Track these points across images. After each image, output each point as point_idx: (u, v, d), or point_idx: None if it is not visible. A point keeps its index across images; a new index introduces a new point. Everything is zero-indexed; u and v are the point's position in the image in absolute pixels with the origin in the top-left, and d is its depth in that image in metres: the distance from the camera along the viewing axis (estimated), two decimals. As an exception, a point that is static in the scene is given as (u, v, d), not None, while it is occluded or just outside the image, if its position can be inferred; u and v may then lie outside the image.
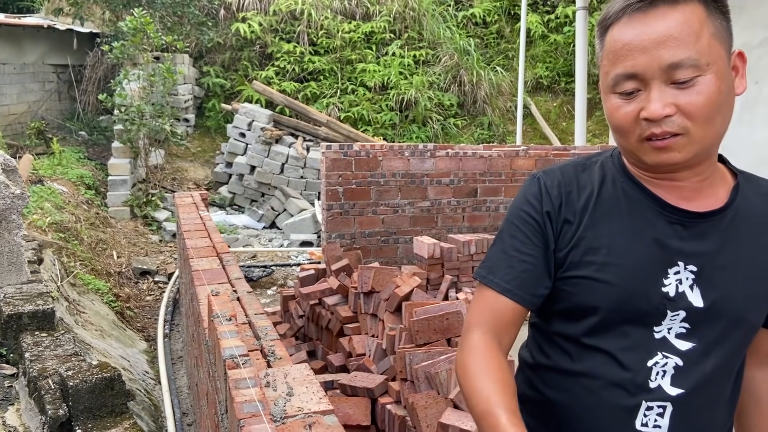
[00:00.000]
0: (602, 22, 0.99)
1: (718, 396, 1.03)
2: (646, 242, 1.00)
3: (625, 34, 0.94)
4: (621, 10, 0.95)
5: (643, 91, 0.94)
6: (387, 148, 5.99)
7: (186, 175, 9.67)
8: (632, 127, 0.95)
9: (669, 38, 0.91)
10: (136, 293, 5.75)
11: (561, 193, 1.05)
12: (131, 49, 7.79)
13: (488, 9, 12.20)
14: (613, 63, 0.96)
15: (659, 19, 0.92)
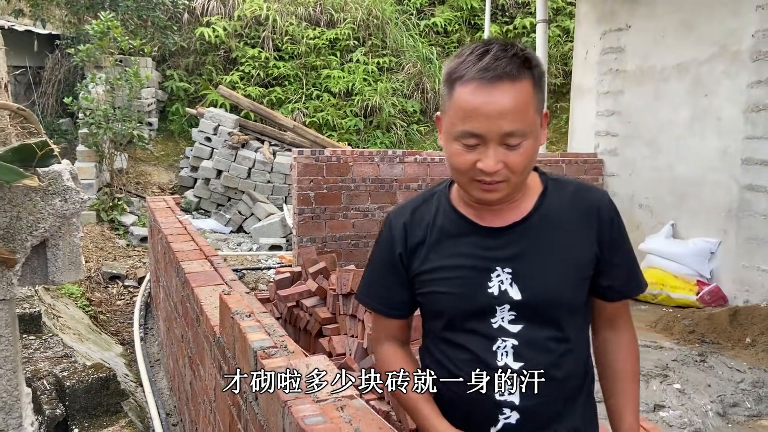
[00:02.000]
0: (452, 75, 1.18)
1: (554, 358, 1.27)
2: (469, 257, 1.28)
3: (473, 99, 1.14)
4: (471, 77, 1.15)
5: (481, 146, 1.16)
6: (357, 153, 6.14)
7: (150, 179, 9.59)
8: (468, 170, 1.19)
9: (508, 112, 1.14)
10: (107, 298, 5.73)
11: (406, 234, 1.33)
12: (97, 53, 7.72)
13: (449, 18, 12.48)
14: (462, 120, 1.16)
15: (502, 93, 1.13)
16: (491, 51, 1.16)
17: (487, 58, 1.14)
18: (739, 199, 5.47)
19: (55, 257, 1.35)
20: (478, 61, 1.15)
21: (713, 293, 5.46)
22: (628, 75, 6.57)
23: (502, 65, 1.14)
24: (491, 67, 1.13)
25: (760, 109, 5.28)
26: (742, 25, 5.41)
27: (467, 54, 1.18)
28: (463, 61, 1.17)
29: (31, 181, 1.17)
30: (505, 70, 1.14)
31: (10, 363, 1.33)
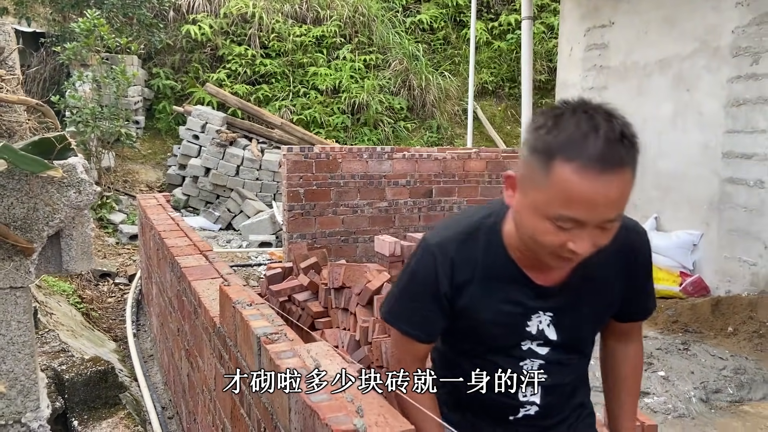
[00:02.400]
0: (552, 150, 1.07)
1: (574, 379, 1.40)
2: (516, 305, 1.31)
3: (585, 188, 1.04)
4: (584, 163, 1.04)
5: (575, 228, 1.09)
6: (346, 150, 6.20)
7: (137, 178, 9.58)
8: (556, 249, 1.14)
9: (613, 203, 1.07)
10: (98, 295, 5.75)
11: (453, 272, 1.29)
12: (83, 51, 7.71)
13: (435, 15, 12.56)
14: (564, 205, 1.07)
15: (615, 184, 1.05)
16: (601, 131, 1.05)
17: (599, 142, 1.04)
18: (720, 192, 5.60)
19: (69, 247, 1.40)
20: (586, 140, 1.04)
21: (696, 284, 5.59)
22: (611, 71, 6.69)
23: (617, 153, 1.05)
24: (607, 155, 1.04)
25: (740, 103, 5.41)
26: (722, 21, 5.53)
27: (572, 128, 1.06)
28: (569, 138, 1.05)
29: (55, 171, 1.22)
30: (621, 158, 1.05)
31: (28, 348, 1.38)
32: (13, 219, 1.31)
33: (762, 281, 5.24)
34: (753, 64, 5.29)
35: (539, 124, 1.11)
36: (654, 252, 5.91)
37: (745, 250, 5.38)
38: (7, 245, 1.28)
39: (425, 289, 1.31)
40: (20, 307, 1.34)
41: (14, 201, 1.32)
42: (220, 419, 2.13)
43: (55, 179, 1.32)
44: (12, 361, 1.37)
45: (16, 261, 1.33)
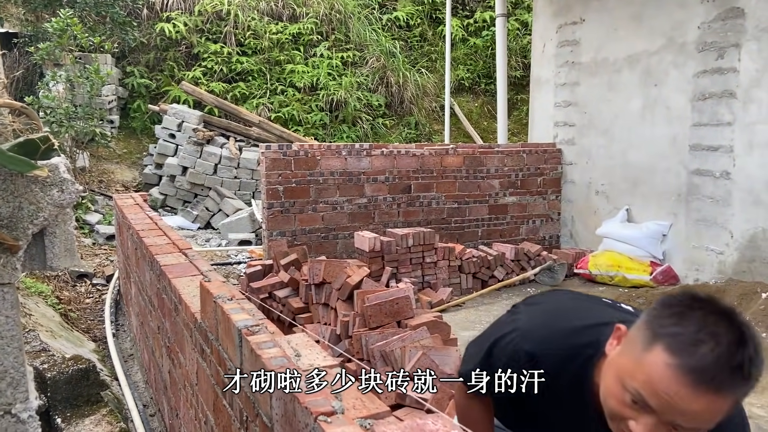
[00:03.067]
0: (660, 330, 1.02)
1: None
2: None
3: (664, 381, 0.99)
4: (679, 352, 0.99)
5: (644, 412, 1.04)
6: (325, 147, 6.24)
7: (113, 177, 9.51)
8: (616, 416, 1.11)
9: (692, 418, 1.00)
10: (76, 296, 5.73)
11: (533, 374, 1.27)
12: (56, 50, 7.64)
13: (411, 12, 12.64)
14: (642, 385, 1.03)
15: (698, 399, 0.97)
16: (722, 343, 0.97)
17: (712, 356, 0.97)
18: (687, 183, 5.76)
19: (53, 244, 1.45)
20: (700, 345, 0.98)
21: (666, 273, 5.75)
22: (583, 67, 6.82)
23: (720, 377, 0.97)
24: (707, 372, 0.97)
25: (705, 97, 5.57)
26: (688, 17, 5.69)
27: (692, 326, 1.00)
28: (681, 333, 1.00)
29: (41, 171, 1.27)
30: (720, 384, 0.97)
31: (17, 342, 1.42)
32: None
33: (729, 269, 5.42)
34: (718, 59, 5.45)
35: (667, 303, 1.07)
36: (625, 242, 6.07)
37: (712, 240, 5.55)
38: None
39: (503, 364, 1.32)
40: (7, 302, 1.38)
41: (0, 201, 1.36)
42: (202, 412, 2.18)
43: (39, 179, 1.36)
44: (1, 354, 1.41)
45: (2, 258, 1.38)
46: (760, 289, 5.01)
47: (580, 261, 6.25)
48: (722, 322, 1.00)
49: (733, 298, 5.04)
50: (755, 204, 5.21)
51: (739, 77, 5.29)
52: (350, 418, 1.14)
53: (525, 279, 6.00)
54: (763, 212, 5.16)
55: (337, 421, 1.11)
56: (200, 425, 2.23)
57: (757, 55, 5.15)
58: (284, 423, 1.29)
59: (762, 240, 5.18)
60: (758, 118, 5.16)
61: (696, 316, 1.02)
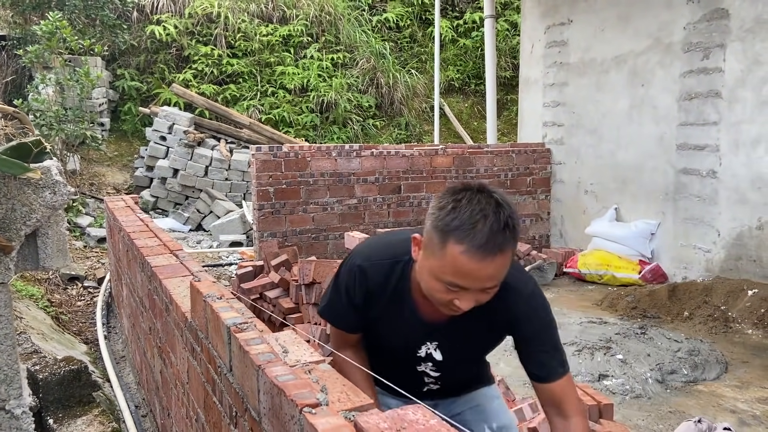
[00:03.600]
0: (447, 229, 1.32)
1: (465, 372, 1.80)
2: (405, 331, 1.63)
3: (468, 265, 1.30)
4: (468, 247, 1.29)
5: (461, 291, 1.37)
6: (315, 149, 6.27)
7: (104, 180, 9.50)
8: (444, 302, 1.41)
9: (491, 277, 1.34)
10: (67, 299, 5.73)
11: (367, 292, 1.59)
12: (45, 53, 7.63)
13: (401, 14, 12.68)
14: (452, 275, 1.33)
15: (493, 264, 1.31)
16: (488, 221, 1.29)
17: (485, 231, 1.28)
18: (675, 182, 5.83)
19: (45, 245, 1.47)
20: (474, 229, 1.29)
21: (654, 271, 5.81)
22: (571, 67, 6.89)
23: (498, 242, 1.29)
24: (489, 243, 1.28)
25: (692, 97, 5.64)
26: (674, 17, 5.76)
27: (465, 214, 1.30)
28: (461, 224, 1.30)
29: (34, 174, 1.30)
30: (500, 247, 1.30)
31: (9, 339, 1.44)
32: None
33: (716, 267, 5.49)
34: (704, 59, 5.53)
35: (441, 205, 1.36)
36: (614, 241, 6.12)
37: (700, 238, 5.62)
38: (-13, 244, 1.35)
39: (346, 299, 1.63)
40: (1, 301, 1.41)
41: (-8, 202, 1.39)
42: (193, 410, 2.21)
43: (31, 181, 1.39)
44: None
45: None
46: (747, 286, 5.09)
47: (569, 260, 6.31)
48: (482, 199, 1.33)
49: (720, 296, 5.11)
50: (741, 202, 5.28)
51: (724, 77, 5.37)
52: (335, 410, 1.18)
53: (515, 278, 6.05)
54: (748, 211, 5.23)
55: (321, 412, 1.14)
56: (191, 423, 2.26)
57: (742, 56, 5.22)
58: (272, 416, 1.32)
59: (748, 238, 5.25)
60: (743, 118, 5.24)
61: (463, 205, 1.32)
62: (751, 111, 5.17)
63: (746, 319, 4.82)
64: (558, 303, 5.51)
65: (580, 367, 3.93)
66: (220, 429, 1.84)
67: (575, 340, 4.28)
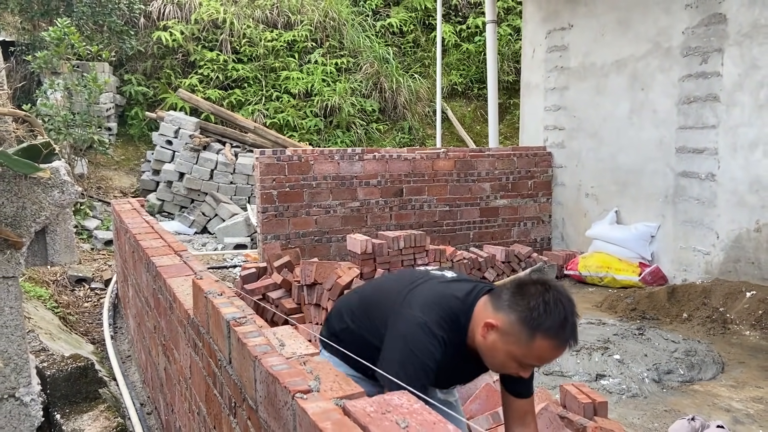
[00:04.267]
0: (538, 324, 1.61)
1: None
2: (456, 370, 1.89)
3: (550, 354, 1.66)
4: (554, 337, 1.62)
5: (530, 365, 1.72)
6: (318, 152, 6.36)
7: (111, 184, 9.62)
8: (509, 371, 1.76)
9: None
10: (74, 300, 5.82)
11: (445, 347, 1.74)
12: (54, 59, 7.75)
13: (404, 19, 12.78)
14: (535, 360, 1.68)
15: (564, 351, 1.68)
16: (570, 319, 1.64)
17: (571, 327, 1.64)
18: (674, 185, 5.88)
19: (54, 241, 1.55)
20: (564, 328, 1.63)
21: (654, 274, 5.86)
22: (572, 72, 6.95)
23: (574, 338, 1.66)
24: (572, 338, 1.65)
25: (691, 101, 5.70)
26: (673, 22, 5.82)
27: (554, 314, 1.62)
28: (552, 324, 1.61)
29: (44, 173, 1.38)
30: (574, 340, 1.67)
31: (19, 330, 1.52)
32: (4, 216, 1.46)
33: (715, 269, 5.53)
34: (702, 63, 5.59)
35: (532, 306, 1.63)
36: (614, 244, 6.20)
37: (699, 240, 5.67)
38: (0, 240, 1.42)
39: (431, 360, 1.73)
40: (12, 294, 1.49)
41: (5, 200, 1.47)
42: (195, 404, 2.29)
43: (41, 180, 1.46)
44: (6, 342, 1.52)
45: (7, 254, 1.48)
46: (745, 288, 5.13)
47: (570, 262, 6.36)
48: (563, 302, 1.65)
49: (719, 298, 5.16)
50: (739, 205, 5.33)
51: (722, 81, 5.42)
52: (326, 397, 1.25)
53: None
54: (747, 213, 5.28)
55: (312, 398, 1.22)
56: (193, 416, 2.33)
57: (740, 60, 5.27)
58: (267, 404, 1.40)
59: (746, 240, 5.30)
60: (741, 121, 5.29)
61: (553, 309, 1.63)
62: (749, 114, 5.22)
63: (744, 320, 4.86)
64: (558, 305, 5.56)
65: (578, 367, 3.99)
66: (220, 420, 1.91)
67: (573, 341, 4.33)
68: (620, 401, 3.68)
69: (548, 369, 3.98)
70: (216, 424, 1.97)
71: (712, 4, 5.47)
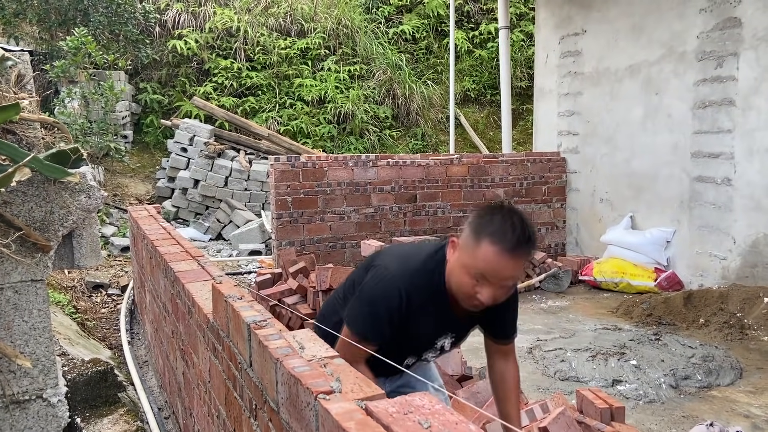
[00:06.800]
0: (483, 231, 1.67)
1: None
2: (437, 323, 1.90)
3: (496, 262, 1.66)
4: (498, 244, 1.65)
5: (485, 284, 1.70)
6: (332, 159, 6.39)
7: (127, 191, 9.72)
8: (468, 293, 1.73)
9: (512, 275, 1.70)
10: (92, 306, 5.89)
11: (409, 300, 1.80)
12: (71, 68, 7.87)
13: (417, 26, 12.83)
14: (482, 267, 1.68)
15: (515, 265, 1.68)
16: (517, 229, 1.66)
17: (515, 235, 1.65)
18: (690, 190, 5.85)
19: (80, 245, 1.59)
20: (506, 233, 1.65)
21: (670, 279, 5.82)
22: (585, 77, 6.94)
23: (524, 248, 1.66)
24: (516, 246, 1.65)
25: (705, 105, 5.67)
26: (687, 27, 5.80)
27: (499, 221, 1.67)
28: (496, 230, 1.66)
29: (74, 178, 1.42)
30: (521, 252, 1.67)
31: (47, 333, 1.56)
32: (33, 221, 1.50)
33: (732, 274, 5.49)
34: (717, 68, 5.56)
35: (480, 215, 1.72)
36: (629, 249, 6.16)
37: (716, 245, 5.63)
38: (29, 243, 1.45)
39: (387, 318, 1.81)
40: (40, 297, 1.53)
41: (34, 205, 1.51)
42: (215, 407, 2.31)
43: (69, 185, 1.50)
44: (34, 344, 1.55)
45: (36, 257, 1.51)
46: (763, 293, 5.08)
47: (585, 268, 6.33)
48: (513, 217, 1.69)
49: (736, 303, 5.11)
50: (756, 209, 5.29)
51: (738, 85, 5.39)
52: (348, 398, 1.26)
53: (530, 286, 6.09)
54: (764, 218, 5.23)
55: (335, 398, 1.23)
56: (213, 420, 2.35)
57: (755, 64, 5.25)
58: (289, 405, 1.41)
59: (764, 245, 5.25)
60: (757, 125, 5.26)
61: (498, 218, 1.68)
62: (766, 119, 5.18)
63: (762, 325, 4.81)
64: (573, 310, 5.54)
65: (594, 372, 3.97)
66: (240, 423, 1.93)
67: (589, 346, 4.32)
68: (637, 407, 3.65)
69: (564, 374, 3.97)
70: (236, 426, 1.99)
71: (727, 8, 5.45)
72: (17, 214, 1.47)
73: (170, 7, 11.23)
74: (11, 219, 1.41)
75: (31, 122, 1.56)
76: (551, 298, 5.95)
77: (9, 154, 1.40)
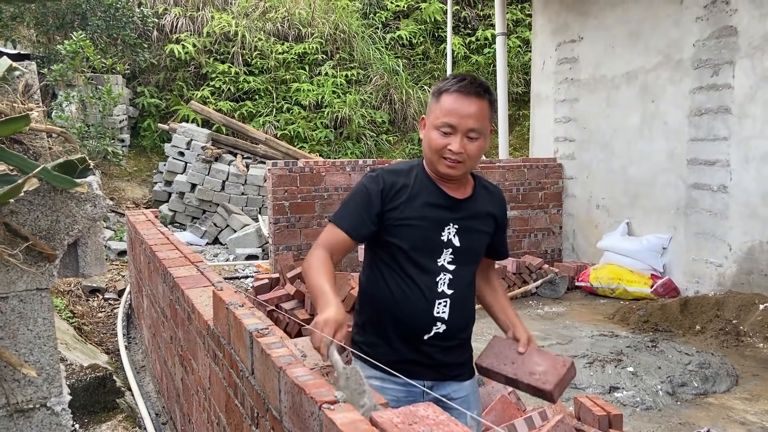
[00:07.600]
0: (440, 89, 1.80)
1: (469, 292, 1.94)
2: (434, 213, 1.84)
3: (454, 103, 1.76)
4: (453, 89, 1.77)
5: (452, 135, 1.76)
6: (329, 164, 6.40)
7: (124, 195, 9.71)
8: (440, 150, 1.77)
9: (473, 115, 1.75)
10: (89, 310, 5.88)
11: (389, 192, 1.83)
12: (69, 72, 7.87)
13: (414, 31, 12.87)
14: (444, 116, 1.76)
15: (471, 103, 1.76)
16: (468, 77, 1.80)
17: (465, 82, 1.78)
18: (686, 197, 5.88)
19: (85, 254, 1.60)
20: (458, 82, 1.78)
21: (666, 285, 5.85)
22: (582, 83, 6.98)
23: (474, 87, 1.77)
24: (466, 86, 1.76)
25: (702, 113, 5.71)
26: (683, 35, 5.84)
27: (451, 78, 1.81)
28: (449, 82, 1.80)
29: (82, 188, 1.43)
30: (475, 90, 1.77)
31: (52, 341, 1.56)
32: (39, 229, 1.50)
33: (728, 281, 5.52)
34: (713, 76, 5.60)
35: (443, 81, 1.83)
36: (626, 255, 6.18)
37: (712, 252, 5.66)
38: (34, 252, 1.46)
39: (365, 199, 1.82)
40: (44, 305, 1.53)
41: (39, 214, 1.51)
42: (215, 414, 2.31)
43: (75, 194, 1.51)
44: (38, 352, 1.56)
45: (41, 266, 1.52)
46: (758, 300, 5.11)
47: (581, 274, 6.36)
48: (469, 76, 1.81)
49: (732, 310, 5.14)
50: (752, 217, 5.32)
51: (733, 93, 5.43)
52: (352, 408, 1.27)
53: (527, 292, 6.11)
54: (759, 225, 5.27)
55: (339, 408, 1.24)
56: (212, 427, 2.36)
57: (751, 72, 5.29)
58: (292, 414, 1.42)
59: (759, 252, 5.28)
60: (753, 133, 5.29)
61: (450, 76, 1.82)
62: (761, 126, 5.22)
63: (758, 332, 4.84)
64: (570, 317, 5.56)
65: (591, 379, 3.98)
66: (241, 430, 1.93)
67: (586, 353, 4.33)
68: (634, 414, 3.67)
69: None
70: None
71: (723, 16, 5.49)
72: (23, 223, 1.48)
73: (168, 11, 11.25)
74: (18, 228, 1.42)
75: (39, 132, 1.57)
76: (548, 304, 5.97)
77: (17, 165, 1.41)
